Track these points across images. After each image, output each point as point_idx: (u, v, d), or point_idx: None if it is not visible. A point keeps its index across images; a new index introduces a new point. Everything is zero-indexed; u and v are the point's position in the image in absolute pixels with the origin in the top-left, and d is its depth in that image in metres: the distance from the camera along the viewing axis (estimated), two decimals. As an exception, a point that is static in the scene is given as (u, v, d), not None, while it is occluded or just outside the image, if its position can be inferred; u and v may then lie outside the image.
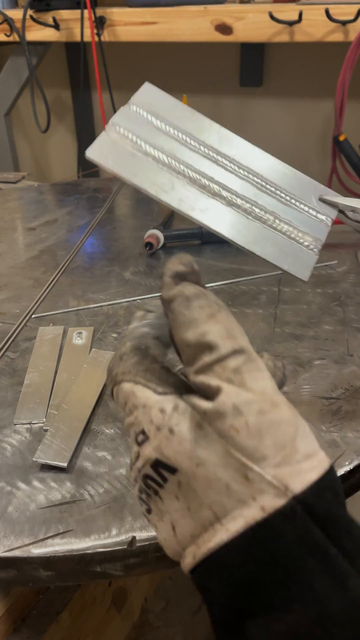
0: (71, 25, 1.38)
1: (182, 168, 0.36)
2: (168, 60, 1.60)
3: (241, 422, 0.24)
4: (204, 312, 0.26)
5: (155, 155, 0.36)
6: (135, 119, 0.37)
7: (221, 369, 0.25)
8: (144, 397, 0.27)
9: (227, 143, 0.39)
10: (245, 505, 0.24)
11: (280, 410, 0.25)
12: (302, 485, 0.24)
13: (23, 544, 0.39)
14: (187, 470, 0.25)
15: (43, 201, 1.11)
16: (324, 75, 1.45)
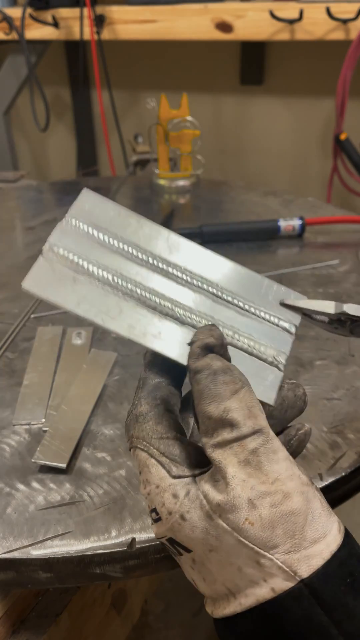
0: (70, 24, 1.38)
1: (130, 287, 0.32)
2: (168, 58, 1.59)
3: (255, 516, 0.26)
4: (229, 388, 0.28)
5: (100, 275, 0.32)
6: (75, 234, 0.33)
7: (240, 449, 0.27)
8: (157, 477, 0.29)
9: (177, 250, 0.35)
10: (257, 586, 0.26)
11: (292, 501, 0.26)
12: (309, 570, 0.26)
13: (22, 546, 0.39)
14: (200, 553, 0.28)
15: (42, 200, 1.10)
16: (325, 74, 1.45)
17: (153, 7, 1.30)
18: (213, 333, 0.29)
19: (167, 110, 1.04)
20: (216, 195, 1.08)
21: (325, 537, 0.27)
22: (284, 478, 0.27)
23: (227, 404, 0.27)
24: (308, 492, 0.27)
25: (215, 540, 0.27)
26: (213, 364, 0.28)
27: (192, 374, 0.28)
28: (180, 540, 0.28)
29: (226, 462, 0.27)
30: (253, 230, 0.87)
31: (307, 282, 0.73)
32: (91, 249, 0.33)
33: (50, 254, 0.32)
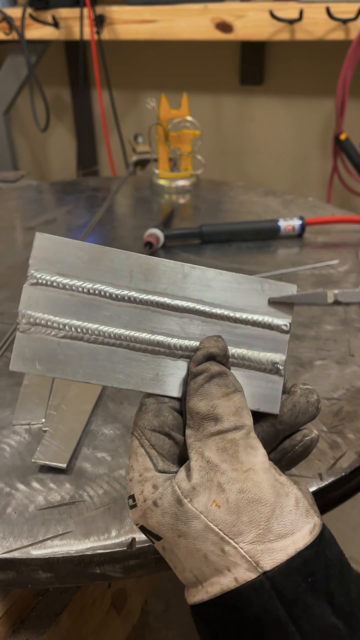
0: (70, 24, 1.38)
1: (115, 334, 0.31)
2: (168, 58, 1.59)
3: (222, 499, 0.27)
4: (221, 390, 0.30)
5: (82, 332, 0.31)
6: (43, 292, 0.31)
7: (220, 438, 0.29)
8: (142, 466, 0.30)
9: (154, 275, 0.32)
10: (222, 575, 0.27)
11: (260, 490, 0.27)
12: (271, 563, 0.26)
13: (22, 546, 0.39)
14: (169, 540, 0.29)
15: (42, 200, 1.10)
16: (325, 74, 1.45)
17: (153, 7, 1.30)
18: (218, 344, 0.31)
19: (167, 110, 1.04)
20: (216, 195, 1.08)
21: (294, 534, 0.27)
22: (257, 469, 0.28)
23: (216, 402, 0.29)
24: (280, 489, 0.28)
25: (183, 525, 0.28)
26: (211, 368, 0.30)
27: (191, 376, 0.30)
28: (151, 528, 0.29)
29: (204, 449, 0.29)
30: (253, 230, 0.86)
31: (307, 282, 0.73)
32: (65, 303, 0.31)
33: (26, 325, 0.31)
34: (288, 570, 0.26)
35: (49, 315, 0.31)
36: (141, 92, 1.67)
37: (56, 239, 0.32)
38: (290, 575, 0.26)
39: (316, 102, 1.51)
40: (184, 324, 0.32)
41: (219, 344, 0.31)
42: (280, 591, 0.26)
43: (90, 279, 0.32)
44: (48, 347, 0.31)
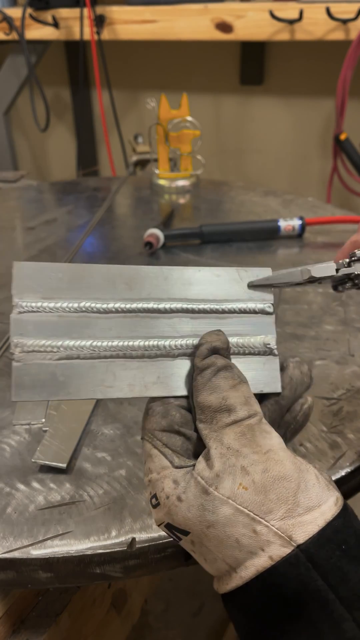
0: (70, 24, 1.38)
1: (111, 346, 0.31)
2: (168, 58, 1.59)
3: (248, 481, 0.28)
4: (228, 382, 0.30)
5: (77, 350, 0.31)
6: (31, 318, 0.31)
7: (236, 425, 0.29)
8: (159, 465, 0.30)
9: (135, 283, 0.33)
10: (256, 556, 0.27)
11: (284, 467, 0.28)
12: (304, 536, 0.27)
13: (22, 546, 0.39)
14: (198, 532, 0.28)
15: (42, 200, 1.10)
16: (325, 74, 1.45)
17: (153, 7, 1.30)
18: (220, 337, 0.32)
19: (167, 110, 1.04)
20: (216, 195, 1.08)
21: (320, 507, 0.28)
22: (276, 449, 0.29)
23: (226, 394, 0.30)
24: (301, 464, 0.29)
25: (211, 514, 0.28)
26: (217, 362, 0.31)
27: (197, 371, 0.31)
28: (178, 524, 0.29)
29: (222, 437, 0.29)
30: (253, 230, 0.86)
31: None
32: (55, 325, 0.31)
33: (20, 353, 0.30)
34: (321, 541, 0.27)
35: (41, 340, 0.31)
36: (141, 92, 1.67)
37: (34, 265, 0.32)
38: (324, 545, 0.27)
39: (316, 102, 1.51)
40: (174, 324, 0.33)
41: (221, 337, 0.32)
42: (316, 562, 0.26)
43: (75, 298, 0.32)
44: (46, 371, 0.30)
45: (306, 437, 0.48)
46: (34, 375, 0.30)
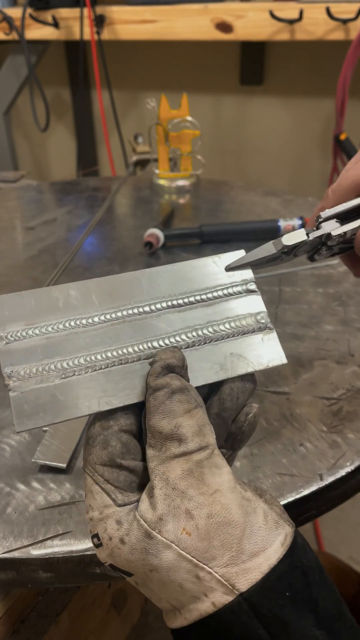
0: (70, 24, 1.38)
1: (104, 355, 0.31)
2: (168, 58, 1.59)
3: (192, 526, 0.26)
4: (183, 407, 0.28)
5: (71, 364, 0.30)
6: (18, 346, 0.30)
7: (184, 460, 0.28)
8: (101, 504, 0.28)
9: (115, 292, 0.33)
10: (199, 600, 0.27)
11: (229, 512, 0.27)
12: (247, 584, 0.26)
13: (22, 545, 0.39)
14: (141, 575, 0.28)
15: (42, 200, 1.10)
16: (325, 74, 1.45)
17: (153, 7, 1.30)
18: (175, 354, 0.30)
19: (167, 110, 1.04)
20: (216, 195, 1.08)
21: (265, 551, 0.27)
22: (224, 490, 0.27)
23: (179, 420, 0.28)
24: (248, 506, 0.28)
25: (154, 558, 0.27)
26: (172, 383, 0.28)
27: (150, 391, 0.29)
28: (121, 565, 0.28)
29: (169, 474, 0.27)
30: (253, 230, 0.87)
31: (307, 282, 0.73)
32: (44, 347, 0.31)
33: (15, 383, 0.30)
34: (264, 589, 0.26)
35: (33, 365, 0.30)
36: (141, 92, 1.67)
37: (10, 296, 0.32)
38: (267, 593, 0.26)
39: (316, 102, 1.51)
40: (164, 321, 0.33)
41: (176, 354, 0.30)
42: (258, 610, 0.26)
43: (57, 318, 0.31)
44: (45, 394, 0.30)
45: (306, 437, 0.48)
46: (34, 401, 0.29)
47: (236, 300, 0.34)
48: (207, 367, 0.32)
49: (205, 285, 0.34)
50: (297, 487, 0.43)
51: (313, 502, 0.43)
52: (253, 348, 0.33)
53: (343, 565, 0.85)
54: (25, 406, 0.29)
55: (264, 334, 0.34)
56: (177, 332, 0.33)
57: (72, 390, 0.30)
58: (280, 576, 0.27)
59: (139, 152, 1.34)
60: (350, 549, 1.18)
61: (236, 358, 0.33)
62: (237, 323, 0.33)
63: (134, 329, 0.32)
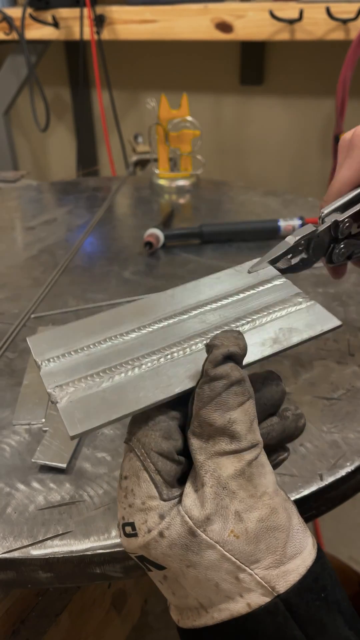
0: (70, 24, 1.38)
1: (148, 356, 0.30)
2: (168, 58, 1.59)
3: (241, 529, 0.26)
4: (238, 399, 0.27)
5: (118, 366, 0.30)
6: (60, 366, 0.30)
7: (237, 459, 0.27)
8: (146, 494, 0.27)
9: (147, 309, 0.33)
10: (232, 601, 0.26)
11: (278, 517, 0.27)
12: (286, 585, 0.26)
13: (22, 546, 0.39)
14: (175, 569, 0.27)
15: (42, 200, 1.10)
16: (325, 74, 1.45)
17: (153, 7, 1.30)
18: (239, 341, 0.28)
19: (167, 110, 1.04)
20: (216, 195, 1.08)
21: (302, 553, 0.27)
22: (271, 492, 0.27)
23: (233, 415, 0.26)
24: (290, 508, 0.27)
25: (195, 555, 0.26)
26: (232, 375, 0.27)
27: (206, 379, 0.27)
28: (155, 558, 0.27)
29: (220, 472, 0.26)
30: (253, 230, 0.86)
31: (307, 282, 0.73)
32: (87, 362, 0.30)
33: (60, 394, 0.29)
34: (301, 590, 0.26)
35: (78, 377, 0.30)
36: (141, 92, 1.67)
37: (47, 334, 0.32)
38: (304, 594, 0.26)
39: (316, 102, 1.51)
40: (202, 319, 0.33)
41: (240, 341, 0.28)
42: (295, 611, 0.26)
43: (96, 339, 0.32)
44: (95, 398, 0.28)
45: (306, 437, 0.48)
46: (84, 407, 0.28)
47: (268, 291, 0.35)
48: (259, 344, 0.31)
49: (235, 289, 0.35)
50: (297, 487, 0.43)
51: (313, 502, 0.43)
52: (301, 319, 0.32)
53: (343, 566, 0.85)
54: (76, 412, 0.28)
55: (308, 307, 0.33)
56: (217, 326, 0.32)
57: (121, 390, 0.29)
58: (316, 578, 0.27)
59: (139, 152, 1.34)
60: (350, 549, 1.18)
61: (287, 331, 0.32)
62: (278, 306, 0.34)
63: (174, 331, 0.32)
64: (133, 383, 0.29)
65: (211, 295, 0.34)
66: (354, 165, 0.39)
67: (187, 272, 0.77)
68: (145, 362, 0.30)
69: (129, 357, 0.30)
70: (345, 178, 0.39)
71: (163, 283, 0.74)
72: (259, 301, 0.34)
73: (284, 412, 0.32)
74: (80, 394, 0.29)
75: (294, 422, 0.32)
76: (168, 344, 0.31)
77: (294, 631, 0.25)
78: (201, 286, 0.35)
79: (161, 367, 0.30)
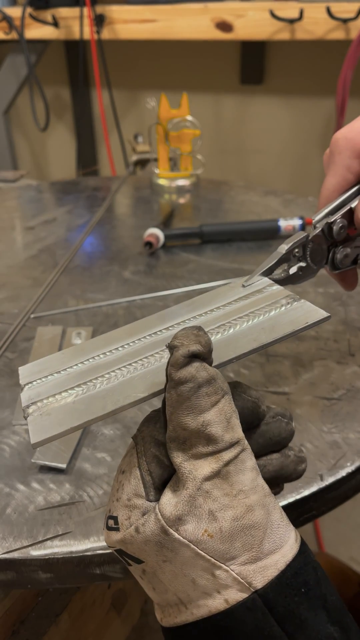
0: (70, 23, 1.38)
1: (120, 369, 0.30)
2: (168, 58, 1.59)
3: (215, 528, 0.26)
4: (210, 400, 0.26)
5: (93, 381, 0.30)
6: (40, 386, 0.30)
7: (214, 460, 0.26)
8: (134, 490, 0.27)
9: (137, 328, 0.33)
10: (210, 597, 0.26)
11: (253, 515, 0.26)
12: (263, 581, 0.26)
13: (22, 546, 0.39)
14: (152, 563, 0.27)
15: (42, 200, 1.10)
16: (325, 73, 1.45)
17: (153, 6, 1.30)
18: (200, 339, 0.26)
19: (167, 110, 1.04)
20: (216, 195, 1.08)
21: (282, 548, 0.27)
22: (247, 490, 0.26)
23: (207, 417, 0.25)
24: (269, 504, 0.27)
25: (170, 552, 0.26)
26: (198, 376, 0.25)
27: (172, 384, 0.25)
28: (132, 552, 0.27)
29: (196, 473, 0.26)
30: (253, 230, 0.86)
31: (308, 282, 0.73)
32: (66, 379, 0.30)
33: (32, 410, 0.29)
34: (280, 585, 0.26)
35: (53, 394, 0.29)
36: (141, 92, 1.67)
37: (37, 362, 0.32)
38: (283, 589, 0.26)
39: (316, 101, 1.51)
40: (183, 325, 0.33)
41: (201, 338, 0.26)
42: (273, 607, 0.25)
43: (80, 360, 0.32)
44: (65, 409, 0.28)
45: (306, 438, 0.48)
46: (53, 418, 0.28)
47: (257, 297, 0.34)
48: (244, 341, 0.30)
49: (226, 301, 0.34)
50: (297, 487, 0.43)
51: (313, 503, 0.43)
52: (286, 316, 0.32)
53: (343, 566, 0.85)
54: (44, 423, 0.28)
55: (296, 304, 0.33)
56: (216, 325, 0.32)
57: (90, 399, 0.29)
58: (296, 572, 0.26)
59: (139, 152, 1.34)
60: (351, 550, 1.18)
61: (269, 329, 0.31)
62: (264, 306, 0.33)
63: (155, 343, 0.32)
64: (102, 393, 0.29)
65: (201, 311, 0.34)
66: (338, 170, 0.38)
67: (187, 272, 0.77)
68: (119, 373, 0.30)
69: (105, 370, 0.30)
70: (331, 185, 0.39)
71: (163, 283, 0.74)
72: (248, 308, 0.33)
73: (286, 451, 0.31)
74: (51, 407, 0.29)
75: (294, 463, 0.31)
76: (145, 355, 0.31)
77: (273, 627, 0.25)
78: (195, 303, 0.35)
79: (134, 375, 0.30)
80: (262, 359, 0.57)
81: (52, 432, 0.27)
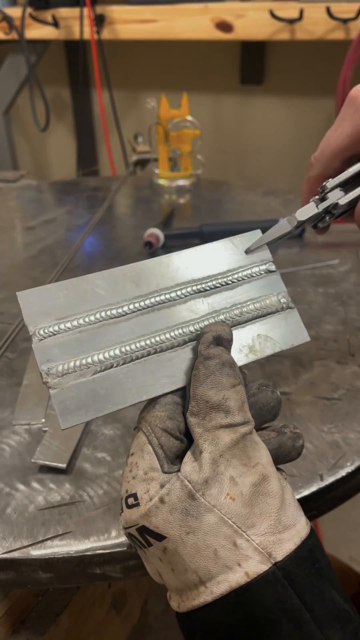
0: (70, 23, 1.38)
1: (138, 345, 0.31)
2: (168, 58, 1.59)
3: (236, 492, 0.27)
4: (230, 381, 0.29)
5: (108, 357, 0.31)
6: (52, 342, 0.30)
7: (232, 431, 0.29)
8: (148, 465, 0.29)
9: (140, 279, 0.33)
10: (231, 571, 0.26)
11: (270, 483, 0.28)
12: (282, 553, 0.27)
13: (22, 546, 0.39)
14: (175, 537, 0.27)
15: (42, 200, 1.10)
16: (325, 74, 1.45)
17: (153, 6, 1.30)
18: (225, 328, 0.31)
19: (167, 110, 1.04)
20: (216, 195, 1.08)
21: (296, 525, 0.28)
22: (264, 463, 0.29)
23: (227, 393, 0.29)
24: (285, 485, 0.29)
25: (194, 520, 0.27)
26: (223, 355, 0.30)
27: (201, 359, 0.30)
28: (155, 527, 0.28)
29: (218, 440, 0.28)
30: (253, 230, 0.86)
31: (308, 282, 0.73)
32: (79, 342, 0.31)
33: (54, 380, 0.30)
34: (298, 558, 0.27)
35: (70, 361, 0.30)
36: (141, 92, 1.67)
37: (37, 290, 0.32)
38: (301, 562, 0.27)
39: (316, 101, 1.51)
40: (191, 306, 0.34)
41: (226, 328, 0.31)
42: (293, 579, 0.26)
43: (88, 310, 0.32)
44: (86, 389, 0.30)
45: (306, 438, 0.48)
46: (75, 397, 0.30)
47: (258, 282, 0.36)
48: (237, 350, 0.33)
49: (227, 268, 0.35)
50: (298, 487, 0.43)
51: (313, 503, 0.43)
52: (278, 328, 0.34)
53: (343, 566, 0.85)
54: (68, 402, 0.30)
55: (286, 313, 0.35)
56: (203, 316, 0.34)
57: (111, 383, 0.30)
58: (311, 549, 0.27)
59: (139, 152, 1.34)
60: (351, 550, 1.18)
61: (263, 339, 0.34)
62: (261, 304, 0.35)
63: (164, 316, 0.33)
64: (121, 377, 0.31)
65: (205, 273, 0.35)
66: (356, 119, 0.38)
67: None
68: (134, 352, 0.31)
69: (119, 343, 0.31)
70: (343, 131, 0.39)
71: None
72: (248, 293, 0.35)
73: (282, 428, 0.33)
74: (71, 381, 0.30)
75: (291, 440, 0.32)
76: (158, 332, 0.32)
77: (293, 600, 0.26)
78: (197, 257, 0.35)
79: (148, 361, 0.31)
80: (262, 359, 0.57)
81: (78, 419, 0.29)
